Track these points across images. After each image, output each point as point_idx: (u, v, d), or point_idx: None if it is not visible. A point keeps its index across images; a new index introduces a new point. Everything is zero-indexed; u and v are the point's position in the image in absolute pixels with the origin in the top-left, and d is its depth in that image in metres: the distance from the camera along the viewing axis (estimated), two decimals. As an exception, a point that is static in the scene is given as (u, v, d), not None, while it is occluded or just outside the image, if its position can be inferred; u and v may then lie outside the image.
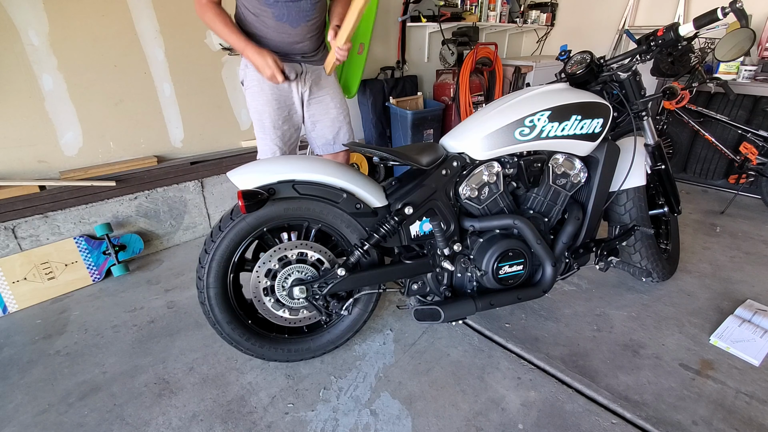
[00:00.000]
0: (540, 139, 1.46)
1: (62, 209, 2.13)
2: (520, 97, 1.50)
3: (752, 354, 1.57)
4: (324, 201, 1.39)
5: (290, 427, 1.34)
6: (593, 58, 1.58)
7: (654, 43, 1.57)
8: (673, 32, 1.52)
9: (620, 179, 1.67)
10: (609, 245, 1.71)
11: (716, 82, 2.76)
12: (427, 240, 1.51)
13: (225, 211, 2.72)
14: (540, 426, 1.33)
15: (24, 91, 1.98)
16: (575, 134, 1.48)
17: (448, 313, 1.47)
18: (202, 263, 1.38)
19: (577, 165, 1.56)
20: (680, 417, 1.35)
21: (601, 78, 1.61)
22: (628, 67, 1.58)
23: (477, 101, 3.50)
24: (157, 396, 1.46)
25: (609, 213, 1.81)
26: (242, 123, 2.77)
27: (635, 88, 1.63)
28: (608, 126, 1.53)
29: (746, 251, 2.35)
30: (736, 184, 2.91)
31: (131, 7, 2.17)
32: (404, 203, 1.43)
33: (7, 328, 1.84)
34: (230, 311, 1.44)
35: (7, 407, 1.43)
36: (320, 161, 1.41)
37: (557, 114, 1.45)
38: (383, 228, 1.41)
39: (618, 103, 1.65)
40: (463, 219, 1.53)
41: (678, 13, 3.45)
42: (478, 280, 1.55)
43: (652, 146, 1.79)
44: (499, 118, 1.45)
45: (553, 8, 4.41)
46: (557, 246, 1.59)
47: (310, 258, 1.47)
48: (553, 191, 1.57)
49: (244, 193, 1.25)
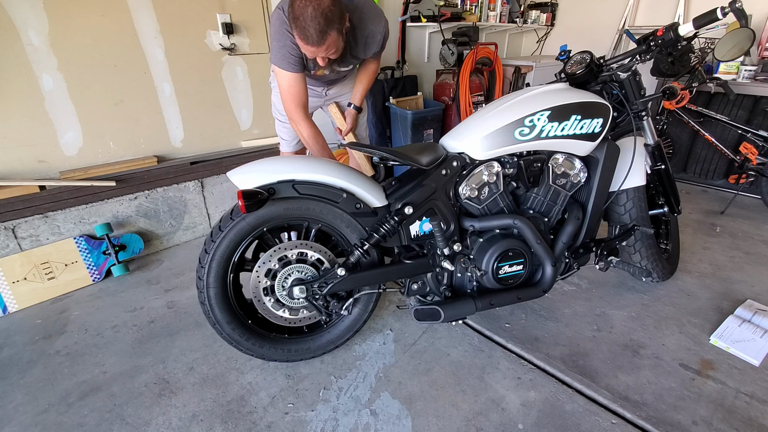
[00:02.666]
0: (540, 139, 1.46)
1: (62, 209, 2.13)
2: (520, 97, 1.49)
3: (752, 354, 1.57)
4: (324, 201, 1.39)
5: (290, 427, 1.34)
6: (593, 58, 1.58)
7: (654, 43, 1.57)
8: (673, 32, 1.52)
9: (620, 179, 1.67)
10: (609, 245, 1.71)
11: (716, 82, 2.76)
12: (427, 240, 1.51)
13: (225, 211, 2.72)
14: (540, 426, 1.33)
15: (24, 91, 1.98)
16: (575, 134, 1.48)
17: (448, 313, 1.47)
18: (202, 263, 1.38)
19: (577, 165, 1.56)
20: (680, 417, 1.35)
21: (600, 78, 1.61)
22: (627, 67, 1.58)
23: (477, 101, 3.50)
24: (157, 396, 1.46)
25: (609, 213, 1.81)
26: (242, 123, 2.77)
27: (635, 88, 1.63)
28: (608, 126, 1.52)
29: (746, 251, 2.35)
30: (736, 184, 2.91)
31: (131, 7, 2.17)
32: (404, 203, 1.43)
33: (7, 328, 1.84)
34: (230, 311, 1.44)
35: (7, 407, 1.43)
36: (320, 161, 1.41)
37: (557, 114, 1.45)
38: (383, 228, 1.41)
39: (618, 103, 1.65)
40: (463, 219, 1.53)
41: (678, 13, 3.44)
42: (478, 280, 1.54)
43: (652, 146, 1.79)
44: (498, 118, 1.45)
45: (553, 8, 4.41)
46: (557, 246, 1.59)
47: (310, 258, 1.47)
48: (553, 191, 1.57)
49: (244, 193, 1.25)
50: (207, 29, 2.44)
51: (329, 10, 1.36)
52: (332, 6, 1.37)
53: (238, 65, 2.62)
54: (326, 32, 1.39)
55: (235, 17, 2.51)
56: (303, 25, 1.37)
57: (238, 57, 2.60)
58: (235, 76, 2.63)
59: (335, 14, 1.38)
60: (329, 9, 1.36)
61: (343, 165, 1.44)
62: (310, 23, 1.36)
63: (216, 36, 2.47)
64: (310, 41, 1.41)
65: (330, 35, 1.41)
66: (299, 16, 1.36)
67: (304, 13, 1.35)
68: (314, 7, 1.34)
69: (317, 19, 1.35)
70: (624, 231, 1.75)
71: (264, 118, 2.85)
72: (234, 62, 2.59)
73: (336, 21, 1.40)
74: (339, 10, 1.40)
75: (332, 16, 1.37)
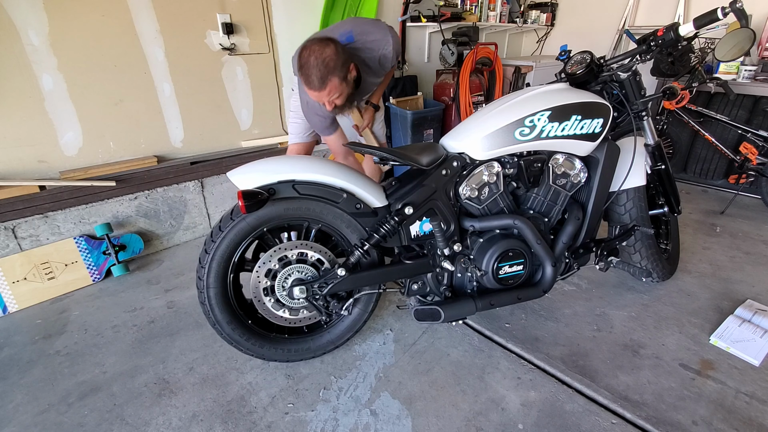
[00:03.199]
0: (540, 139, 1.46)
1: (62, 209, 2.13)
2: (520, 97, 1.49)
3: (752, 354, 1.57)
4: (324, 201, 1.39)
5: (290, 427, 1.34)
6: (593, 58, 1.58)
7: (654, 43, 1.57)
8: (673, 32, 1.51)
9: (620, 179, 1.67)
10: (609, 245, 1.71)
11: (716, 82, 2.76)
12: (427, 240, 1.51)
13: (225, 211, 2.72)
14: (540, 426, 1.33)
15: (24, 91, 1.98)
16: (575, 134, 1.48)
17: (448, 314, 1.47)
18: (202, 263, 1.38)
19: (577, 165, 1.56)
20: (680, 417, 1.35)
21: (601, 78, 1.60)
22: (628, 67, 1.58)
23: (477, 101, 3.50)
24: (157, 396, 1.46)
25: (609, 213, 1.81)
26: (242, 123, 2.77)
27: (635, 88, 1.63)
28: (608, 126, 1.52)
29: (746, 251, 2.35)
30: (736, 184, 2.91)
31: (131, 7, 2.17)
32: (404, 203, 1.43)
33: (7, 328, 1.84)
34: (230, 311, 1.44)
35: (7, 407, 1.43)
36: (320, 161, 1.41)
37: (557, 114, 1.44)
38: (383, 228, 1.41)
39: (618, 103, 1.65)
40: (463, 219, 1.53)
41: (678, 13, 3.44)
42: (478, 280, 1.54)
43: (653, 146, 1.79)
44: (499, 118, 1.44)
45: (553, 8, 4.41)
46: (557, 246, 1.59)
47: (310, 258, 1.47)
48: (553, 191, 1.57)
49: (245, 194, 1.24)
50: (207, 29, 2.44)
51: (330, 59, 1.51)
52: (334, 56, 1.51)
53: (238, 65, 2.62)
54: (327, 79, 1.52)
55: (235, 17, 2.51)
56: (307, 72, 1.52)
57: (238, 57, 2.61)
58: (235, 76, 2.63)
59: (337, 63, 1.52)
60: (330, 58, 1.51)
61: (343, 165, 1.44)
62: (313, 71, 1.51)
63: (216, 36, 2.47)
64: (312, 87, 1.55)
65: (331, 81, 1.53)
66: (304, 64, 1.52)
67: (308, 62, 1.51)
68: (316, 56, 1.50)
69: (318, 67, 1.50)
70: (624, 231, 1.75)
71: (264, 118, 2.86)
72: (234, 62, 2.59)
73: (338, 69, 1.53)
74: (342, 60, 1.54)
75: (333, 64, 1.51)
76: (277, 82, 2.85)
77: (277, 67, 2.82)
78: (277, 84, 2.86)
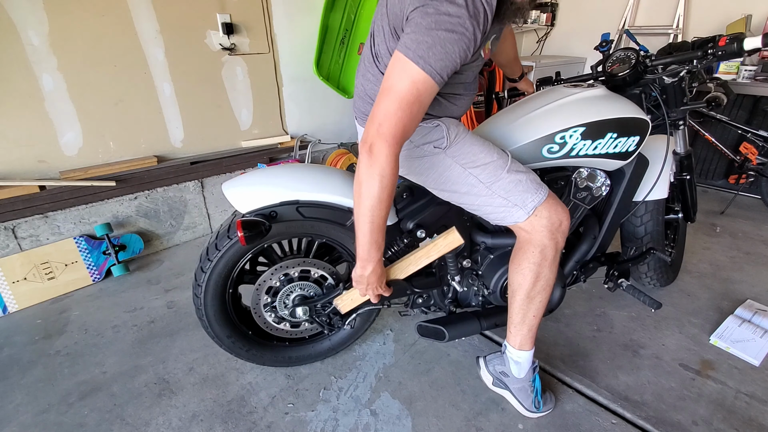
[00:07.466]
0: (569, 158, 1.30)
1: (62, 209, 2.13)
2: (552, 105, 1.30)
3: (752, 354, 1.57)
4: (330, 223, 1.30)
5: (290, 427, 1.34)
6: (638, 57, 1.36)
7: (713, 52, 1.33)
8: (737, 44, 1.30)
9: (643, 191, 1.52)
10: (621, 267, 1.59)
11: (716, 82, 2.76)
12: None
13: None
14: (540, 426, 1.33)
15: (24, 91, 1.98)
16: (607, 153, 1.31)
17: (452, 333, 1.40)
18: (198, 281, 1.31)
19: (600, 178, 1.40)
20: (680, 417, 1.35)
21: (642, 81, 1.42)
22: (675, 72, 1.39)
23: (477, 101, 3.50)
24: (157, 396, 1.46)
25: (623, 224, 1.69)
26: (242, 123, 2.77)
27: (678, 95, 1.49)
28: (643, 143, 1.37)
29: (746, 251, 2.35)
30: (736, 184, 2.91)
31: (131, 7, 2.17)
32: (416, 224, 1.33)
33: (7, 328, 1.84)
34: (230, 326, 1.39)
35: (7, 407, 1.43)
36: (326, 175, 1.31)
37: (592, 131, 1.26)
38: (391, 249, 1.34)
39: (654, 106, 1.49)
40: (475, 233, 1.44)
41: (678, 13, 3.44)
42: (484, 296, 1.48)
43: (682, 155, 1.68)
44: (526, 130, 1.28)
45: (553, 8, 4.41)
46: (568, 264, 1.48)
47: (313, 275, 1.41)
48: (571, 206, 1.41)
49: (244, 224, 1.13)
50: (207, 29, 2.44)
51: None
52: None
53: (238, 65, 2.62)
54: None
55: (235, 17, 2.51)
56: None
57: (238, 57, 2.60)
58: (235, 76, 2.63)
59: None
60: None
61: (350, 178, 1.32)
62: None
63: (216, 36, 2.47)
64: None
65: None
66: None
67: None
68: None
69: None
70: (639, 254, 1.64)
71: (264, 118, 2.86)
72: (234, 62, 2.59)
73: None
74: None
75: None
76: (277, 82, 2.85)
77: (277, 67, 2.81)
78: (277, 84, 2.85)
